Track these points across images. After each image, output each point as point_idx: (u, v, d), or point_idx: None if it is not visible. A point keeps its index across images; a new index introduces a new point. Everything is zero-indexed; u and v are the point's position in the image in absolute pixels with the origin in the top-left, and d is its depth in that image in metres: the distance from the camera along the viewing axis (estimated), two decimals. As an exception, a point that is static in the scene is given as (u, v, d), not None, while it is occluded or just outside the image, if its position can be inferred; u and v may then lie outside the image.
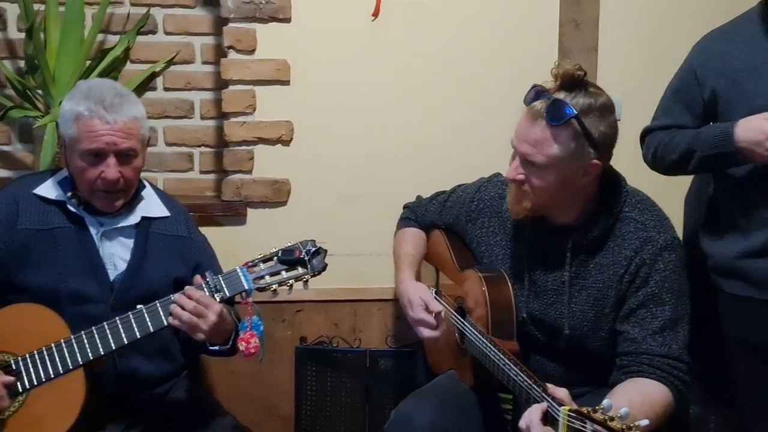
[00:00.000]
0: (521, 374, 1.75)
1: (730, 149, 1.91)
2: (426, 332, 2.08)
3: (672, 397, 1.80)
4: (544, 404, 1.60)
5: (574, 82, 1.83)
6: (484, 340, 1.93)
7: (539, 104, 1.84)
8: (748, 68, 2.00)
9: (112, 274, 2.05)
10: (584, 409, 1.46)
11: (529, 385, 1.70)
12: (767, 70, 1.98)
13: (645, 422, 1.42)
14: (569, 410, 1.50)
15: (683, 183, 2.48)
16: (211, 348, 2.01)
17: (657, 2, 2.79)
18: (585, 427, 1.44)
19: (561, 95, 1.82)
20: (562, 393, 1.59)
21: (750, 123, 1.88)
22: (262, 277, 1.94)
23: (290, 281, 1.95)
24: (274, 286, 1.94)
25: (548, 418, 1.59)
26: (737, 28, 2.10)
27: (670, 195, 2.34)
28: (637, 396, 1.71)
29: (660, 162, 2.14)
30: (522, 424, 1.62)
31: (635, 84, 2.77)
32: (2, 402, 1.84)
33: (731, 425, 2.39)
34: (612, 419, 1.39)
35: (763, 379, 2.09)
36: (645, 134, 2.20)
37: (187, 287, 1.91)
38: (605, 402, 1.44)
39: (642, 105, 2.66)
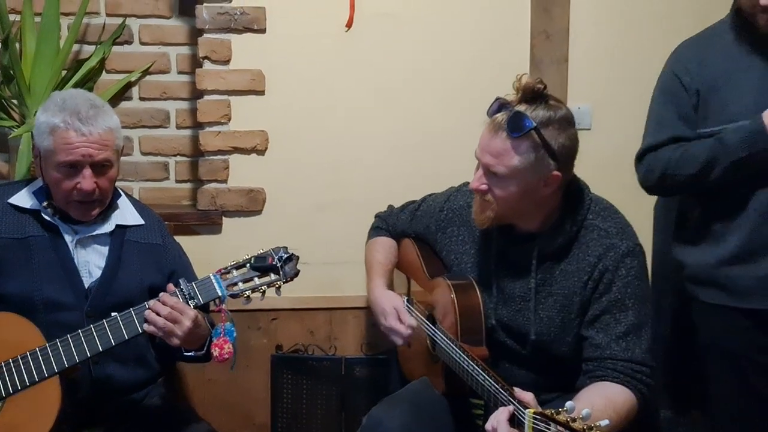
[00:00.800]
0: (489, 379, 1.77)
1: (765, 145, 1.91)
2: (399, 339, 2.12)
3: (635, 400, 1.83)
4: (511, 407, 1.63)
5: (535, 95, 1.85)
6: (454, 347, 1.95)
7: (501, 116, 1.86)
8: (723, 75, 2.03)
9: (87, 282, 2.04)
10: (548, 412, 1.50)
11: (497, 389, 1.73)
12: (740, 78, 2.01)
13: (605, 422, 1.46)
14: (534, 413, 1.54)
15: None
16: (186, 354, 2.01)
17: (626, 13, 2.79)
18: (549, 429, 1.48)
19: (522, 108, 1.84)
20: (528, 396, 1.63)
21: None
22: (235, 284, 1.95)
23: (263, 287, 1.96)
24: (247, 293, 1.95)
25: (515, 421, 1.62)
26: (712, 36, 2.12)
27: (639, 203, 2.36)
28: (600, 399, 1.73)
29: (671, 180, 2.10)
30: (488, 426, 1.65)
31: (605, 93, 2.79)
32: None
33: (701, 429, 2.43)
34: (574, 420, 1.44)
35: (734, 384, 2.14)
36: (642, 155, 2.17)
37: (161, 294, 1.92)
38: (568, 404, 1.48)
39: (612, 114, 2.74)
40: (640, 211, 2.45)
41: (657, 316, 2.69)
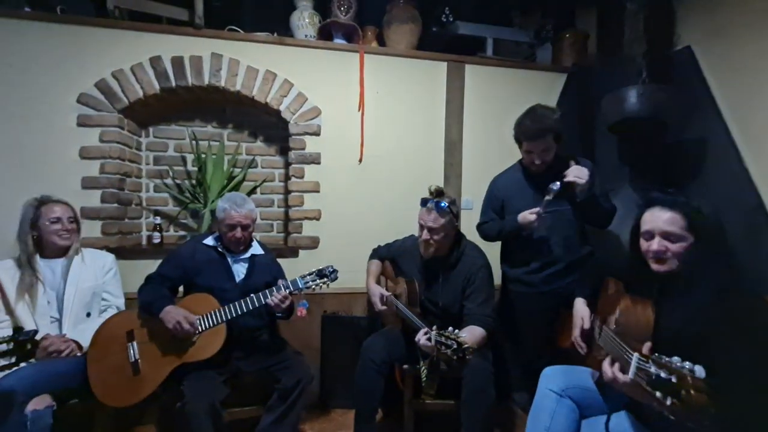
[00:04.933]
0: (417, 319, 1.99)
1: (518, 228, 2.08)
2: (378, 306, 2.20)
3: (485, 332, 1.96)
4: (425, 329, 1.82)
5: (440, 193, 2.05)
6: (404, 307, 2.10)
7: (431, 205, 2.02)
8: (513, 193, 2.20)
9: (238, 279, 2.14)
10: (441, 331, 1.73)
11: (420, 323, 1.94)
12: (522, 194, 2.15)
13: (464, 334, 1.68)
14: (437, 332, 1.76)
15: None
16: (277, 315, 2.10)
17: (489, 148, 2.82)
18: (441, 339, 1.71)
19: (439, 199, 2.03)
20: (434, 328, 1.80)
21: (521, 216, 2.06)
22: (307, 282, 2.08)
23: (321, 284, 2.08)
24: (313, 286, 2.08)
25: (430, 339, 1.76)
26: (510, 171, 2.24)
27: (492, 247, 2.41)
28: (468, 333, 1.87)
29: (489, 237, 2.26)
30: (417, 338, 1.83)
31: (478, 191, 2.77)
32: (191, 328, 1.92)
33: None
34: (450, 334, 1.69)
35: (528, 325, 2.22)
36: (478, 227, 2.30)
37: (283, 292, 2.00)
38: (450, 328, 1.71)
39: (479, 204, 2.65)
40: (492, 249, 2.57)
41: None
